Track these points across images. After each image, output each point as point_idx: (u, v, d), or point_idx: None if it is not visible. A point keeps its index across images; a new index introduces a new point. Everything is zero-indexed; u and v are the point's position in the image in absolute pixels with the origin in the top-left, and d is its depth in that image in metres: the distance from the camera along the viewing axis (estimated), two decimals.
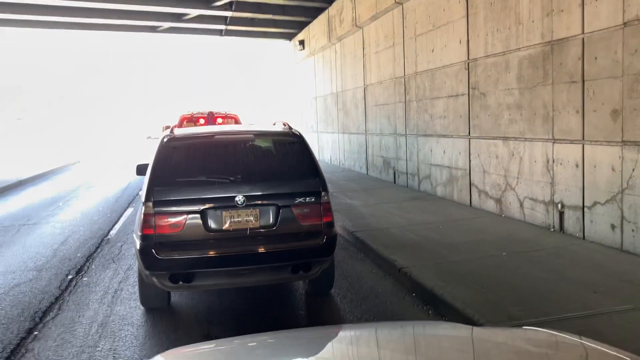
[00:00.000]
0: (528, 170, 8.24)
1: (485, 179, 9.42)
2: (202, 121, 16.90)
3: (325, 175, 5.47)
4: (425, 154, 11.64)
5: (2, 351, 4.78)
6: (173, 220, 5.00)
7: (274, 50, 27.94)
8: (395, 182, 13.35)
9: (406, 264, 6.40)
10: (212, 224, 5.04)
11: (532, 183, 8.16)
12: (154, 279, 5.05)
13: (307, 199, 5.22)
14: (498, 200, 9.07)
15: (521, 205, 8.46)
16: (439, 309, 5.37)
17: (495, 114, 8.99)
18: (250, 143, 5.70)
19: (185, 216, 5.00)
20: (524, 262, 6.29)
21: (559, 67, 7.43)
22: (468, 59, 9.66)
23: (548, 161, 7.78)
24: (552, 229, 7.74)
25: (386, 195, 11.60)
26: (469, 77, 9.69)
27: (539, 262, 6.24)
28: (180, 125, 16.59)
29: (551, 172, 7.73)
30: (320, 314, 5.60)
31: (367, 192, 12.14)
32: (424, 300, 5.67)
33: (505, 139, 8.76)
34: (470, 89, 9.69)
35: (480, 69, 9.31)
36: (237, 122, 17.00)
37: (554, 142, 7.64)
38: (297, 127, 6.14)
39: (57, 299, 6.11)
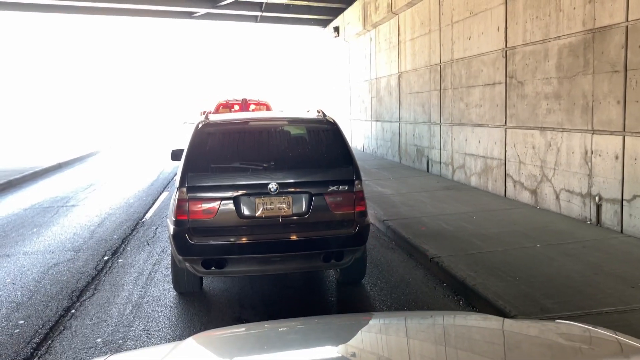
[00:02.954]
0: (565, 161, 8.07)
1: (520, 169, 9.27)
2: (236, 107, 17.06)
3: (358, 163, 5.46)
4: (459, 143, 11.50)
5: (42, 327, 4.96)
6: (206, 206, 5.07)
7: (308, 38, 27.88)
8: (428, 171, 13.24)
9: (438, 254, 6.37)
10: (244, 210, 5.09)
11: (569, 174, 8.00)
12: (187, 264, 5.14)
13: (341, 187, 5.22)
14: (533, 192, 8.92)
15: (557, 197, 8.31)
16: (470, 299, 5.34)
17: (532, 103, 8.81)
18: (284, 130, 5.72)
19: (218, 202, 5.06)
20: (559, 254, 6.19)
21: (600, 56, 7.23)
22: (506, 46, 9.48)
23: (586, 152, 7.60)
24: (589, 222, 7.59)
25: (419, 184, 11.53)
26: (506, 66, 9.52)
27: (574, 255, 6.14)
28: (216, 111, 16.76)
29: (589, 163, 7.56)
30: (351, 301, 5.62)
31: (400, 180, 12.08)
32: (455, 290, 5.64)
33: (542, 129, 8.60)
34: (507, 78, 9.51)
35: (518, 57, 9.13)
36: (268, 109, 17.09)
37: (593, 133, 7.46)
38: (331, 115, 6.13)
39: (93, 279, 6.29)
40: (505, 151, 9.70)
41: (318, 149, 5.56)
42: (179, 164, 5.33)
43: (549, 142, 8.44)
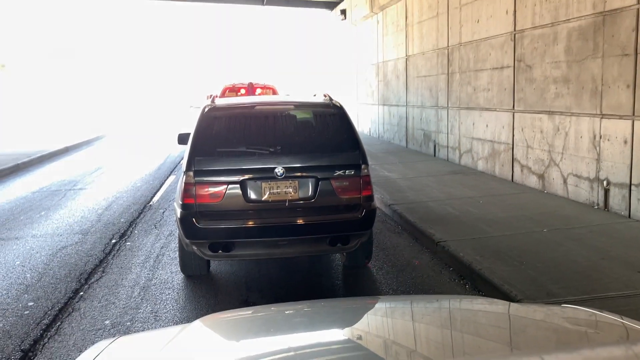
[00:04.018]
0: (573, 145, 8.02)
1: (528, 154, 9.23)
2: (242, 91, 17.03)
3: (365, 147, 5.45)
4: (467, 127, 11.45)
5: (52, 308, 5.02)
6: (213, 190, 5.08)
7: (315, 21, 27.70)
8: (435, 156, 13.21)
9: (444, 238, 6.37)
10: (251, 194, 5.10)
11: (577, 159, 7.96)
12: (194, 248, 5.17)
13: (347, 171, 5.22)
14: (541, 176, 8.89)
15: (565, 181, 8.27)
16: (476, 284, 5.35)
17: (541, 87, 8.75)
18: (291, 114, 5.71)
19: (225, 186, 5.07)
20: (566, 239, 6.18)
21: (610, 39, 7.15)
22: (514, 30, 9.38)
23: (595, 137, 7.55)
24: (596, 207, 7.56)
25: (426, 168, 11.50)
26: (514, 49, 9.43)
27: (581, 240, 6.13)
28: (223, 95, 16.73)
29: (597, 148, 7.51)
30: (357, 285, 5.65)
31: (406, 165, 12.06)
32: (461, 274, 5.66)
33: (550, 113, 8.54)
34: (515, 62, 9.43)
35: (527, 40, 9.04)
36: (274, 93, 17.06)
37: (601, 118, 7.40)
38: (337, 99, 6.10)
39: (101, 262, 6.34)
40: (513, 135, 9.65)
41: (324, 133, 5.55)
42: (186, 148, 5.33)
43: (557, 127, 8.39)
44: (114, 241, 7.14)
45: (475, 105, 10.97)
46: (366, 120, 19.78)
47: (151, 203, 9.44)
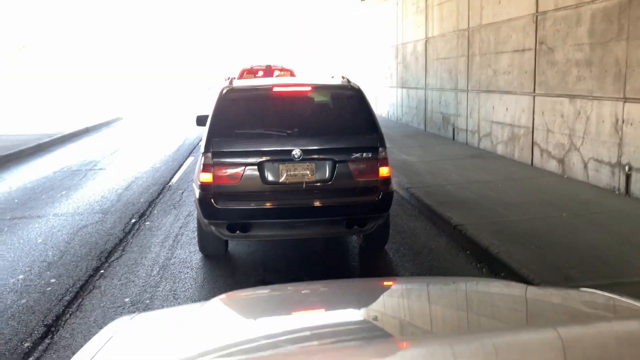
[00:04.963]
0: (595, 130, 7.90)
1: (548, 138, 9.11)
2: (260, 73, 17.04)
3: (382, 130, 5.42)
4: (486, 110, 11.33)
5: (73, 286, 5.11)
6: (231, 171, 5.11)
7: (334, 3, 27.45)
8: (454, 139, 13.11)
9: (461, 222, 6.35)
10: (269, 176, 5.12)
11: (598, 143, 7.84)
12: (213, 228, 5.22)
13: (364, 154, 5.21)
14: (561, 161, 8.78)
15: (585, 166, 8.17)
16: (493, 267, 5.33)
17: (562, 70, 8.60)
18: (308, 96, 5.69)
19: (243, 168, 5.10)
20: (585, 224, 6.12)
21: (636, 21, 6.99)
22: (537, 11, 9.21)
23: (617, 121, 7.43)
24: (617, 192, 7.46)
25: (444, 152, 11.43)
26: (536, 31, 9.27)
27: (600, 225, 6.06)
28: (240, 77, 16.75)
29: (620, 132, 7.39)
30: (373, 267, 5.67)
31: (424, 148, 12.00)
32: (478, 258, 5.64)
33: (572, 97, 8.40)
34: (537, 44, 9.27)
35: (549, 22, 8.88)
36: (292, 75, 17.03)
37: (625, 101, 7.27)
38: (355, 81, 6.07)
39: (121, 240, 6.43)
40: (533, 119, 9.53)
41: (342, 116, 5.54)
42: (204, 130, 5.36)
43: (578, 110, 8.26)
44: (133, 220, 7.23)
45: (495, 88, 10.84)
46: (384, 102, 19.67)
47: (170, 184, 9.52)
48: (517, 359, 1.45)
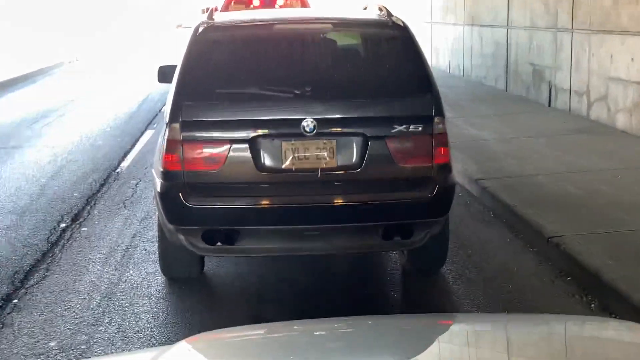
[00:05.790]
0: None
1: None
2: (256, 3, 17.03)
3: (440, 90, 5.40)
4: (600, 61, 11.22)
5: None
6: (209, 151, 5.11)
7: None
8: (550, 105, 13.01)
9: (559, 232, 6.31)
10: (266, 160, 5.11)
11: None
12: (181, 237, 5.21)
13: (412, 127, 5.17)
14: None
15: None
16: (606, 301, 5.30)
17: None
18: (328, 38, 5.67)
19: (227, 147, 5.09)
20: None
21: None
22: None
23: None
24: None
25: (534, 124, 11.35)
26: None
27: None
28: (226, 8, 16.78)
29: None
30: (422, 299, 5.66)
31: (504, 119, 11.92)
32: (583, 287, 5.61)
33: None
34: None
35: None
36: (304, 5, 17.01)
37: None
38: (398, 15, 6.02)
39: (44, 255, 6.47)
40: None
41: (379, 68, 5.52)
42: (170, 88, 5.37)
43: None
44: (63, 225, 7.28)
45: (615, 27, 10.73)
46: (443, 48, 19.57)
47: (119, 170, 9.58)
48: None
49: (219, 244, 5.16)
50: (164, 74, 6.39)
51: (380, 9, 5.92)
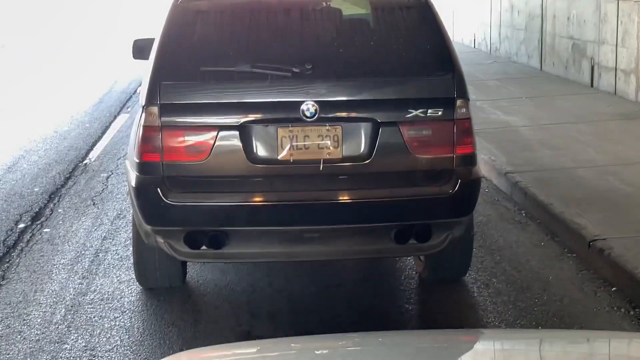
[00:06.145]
0: None
1: None
2: None
3: (463, 68, 5.41)
4: None
5: None
6: (193, 139, 5.13)
7: None
8: (592, 86, 13.01)
9: (603, 234, 6.32)
10: (259, 149, 5.13)
11: None
12: (160, 240, 5.23)
13: (430, 111, 5.17)
14: None
15: None
16: None
17: None
18: (332, 7, 5.68)
19: (213, 134, 5.10)
20: None
21: None
22: None
23: None
24: None
25: (574, 108, 11.35)
26: None
27: None
28: None
29: None
30: (442, 312, 5.68)
31: (539, 101, 11.92)
32: (630, 299, 5.62)
33: None
34: None
35: None
36: None
37: None
38: None
39: (0, 261, 6.50)
40: None
41: (391, 43, 5.52)
42: (147, 66, 5.37)
43: None
44: (21, 226, 7.30)
45: None
46: (467, 20, 19.57)
47: (86, 161, 9.60)
48: None
49: (203, 247, 5.18)
50: (140, 49, 6.39)
51: None
